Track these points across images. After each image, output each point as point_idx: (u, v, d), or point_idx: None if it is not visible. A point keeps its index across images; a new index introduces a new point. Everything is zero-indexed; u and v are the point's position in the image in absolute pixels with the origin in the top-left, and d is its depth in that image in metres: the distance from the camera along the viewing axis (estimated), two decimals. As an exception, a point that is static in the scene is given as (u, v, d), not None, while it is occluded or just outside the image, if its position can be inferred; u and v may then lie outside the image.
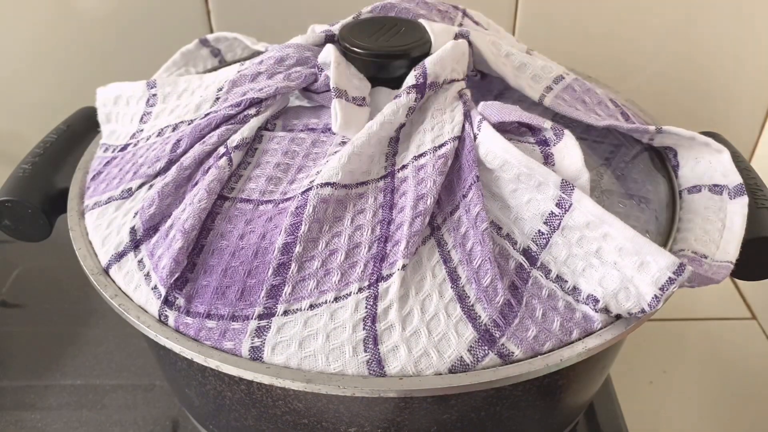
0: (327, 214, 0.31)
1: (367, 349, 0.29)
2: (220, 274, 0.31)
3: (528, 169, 0.31)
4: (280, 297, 0.30)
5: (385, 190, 0.33)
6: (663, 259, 0.29)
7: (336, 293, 0.30)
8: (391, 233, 0.31)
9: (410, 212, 0.31)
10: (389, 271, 0.30)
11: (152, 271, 0.32)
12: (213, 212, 0.33)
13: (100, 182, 0.38)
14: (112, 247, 0.34)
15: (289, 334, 0.29)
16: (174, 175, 0.34)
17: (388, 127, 0.34)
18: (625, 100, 0.45)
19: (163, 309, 0.31)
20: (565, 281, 0.31)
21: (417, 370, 0.28)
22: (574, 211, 0.30)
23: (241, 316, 0.30)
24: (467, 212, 0.31)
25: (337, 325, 0.29)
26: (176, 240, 0.31)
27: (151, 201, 0.34)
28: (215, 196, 0.33)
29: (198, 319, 0.31)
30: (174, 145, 0.36)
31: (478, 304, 0.30)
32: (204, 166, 0.34)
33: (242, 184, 0.34)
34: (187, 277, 0.31)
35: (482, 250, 0.30)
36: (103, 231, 0.35)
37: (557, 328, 0.30)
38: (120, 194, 0.36)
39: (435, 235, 0.32)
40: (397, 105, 0.34)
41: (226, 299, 0.31)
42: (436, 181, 0.32)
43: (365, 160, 0.33)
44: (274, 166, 0.35)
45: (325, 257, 0.31)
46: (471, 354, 0.29)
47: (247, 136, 0.35)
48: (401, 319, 0.29)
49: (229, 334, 0.30)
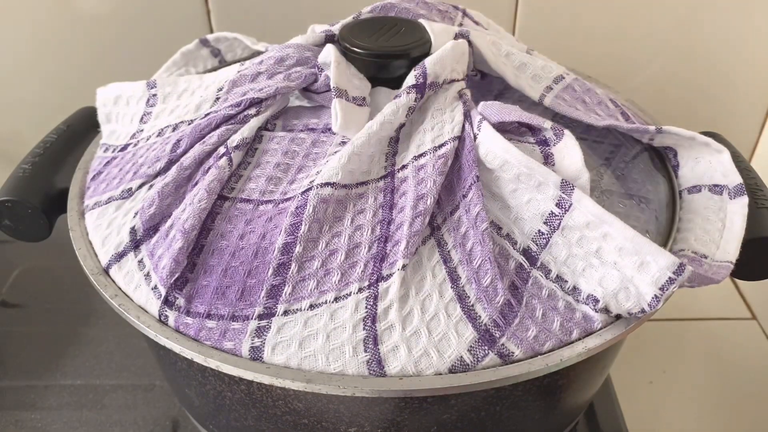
0: (327, 214, 0.31)
1: (368, 349, 0.29)
2: (220, 274, 0.31)
3: (528, 169, 0.31)
4: (280, 297, 0.30)
5: (385, 190, 0.33)
6: (663, 259, 0.29)
7: (336, 293, 0.30)
8: (391, 233, 0.31)
9: (410, 212, 0.31)
10: (389, 271, 0.30)
11: (152, 271, 0.32)
12: (213, 212, 0.33)
13: (100, 182, 0.38)
14: (113, 247, 0.34)
15: (290, 334, 0.29)
16: (174, 175, 0.34)
17: (388, 127, 0.34)
18: (625, 100, 0.45)
19: (163, 309, 0.31)
20: (565, 281, 0.31)
21: (417, 370, 0.28)
22: (574, 211, 0.30)
23: (241, 316, 0.30)
24: (467, 212, 0.31)
25: (337, 325, 0.29)
26: (176, 240, 0.31)
27: (151, 201, 0.34)
28: (215, 196, 0.33)
29: (198, 319, 0.31)
30: (174, 145, 0.36)
31: (478, 304, 0.30)
32: (204, 166, 0.34)
33: (242, 184, 0.34)
34: (187, 277, 0.31)
35: (482, 250, 0.30)
36: (103, 231, 0.35)
37: (557, 328, 0.30)
38: (120, 194, 0.36)
39: (435, 235, 0.32)
40: (397, 105, 0.34)
41: (226, 299, 0.31)
42: (436, 181, 0.32)
43: (365, 160, 0.33)
44: (274, 166, 0.35)
45: (325, 257, 0.31)
46: (471, 354, 0.29)
47: (247, 136, 0.35)
48: (401, 319, 0.29)
49: (229, 334, 0.30)
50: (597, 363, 0.38)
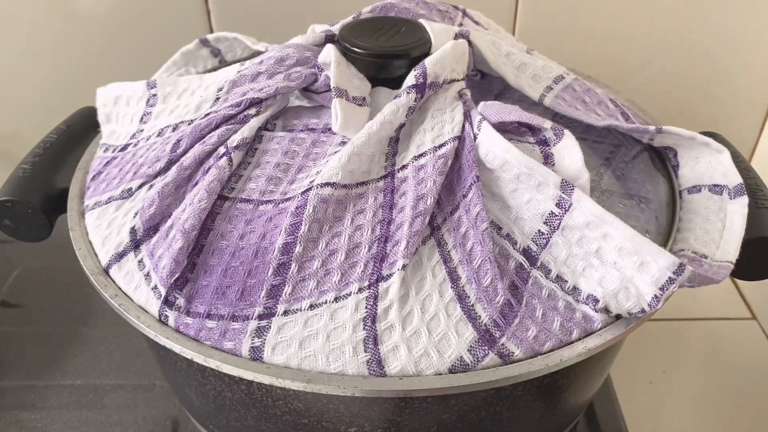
0: (327, 214, 0.31)
1: (368, 349, 0.29)
2: (220, 274, 0.31)
3: (528, 169, 0.31)
4: (281, 297, 0.30)
5: (385, 190, 0.33)
6: (663, 259, 0.29)
7: (336, 293, 0.30)
8: (391, 233, 0.31)
9: (410, 212, 0.31)
10: (389, 271, 0.30)
11: (152, 271, 0.32)
12: (213, 212, 0.33)
13: (100, 182, 0.38)
14: (113, 247, 0.34)
15: (290, 334, 0.29)
16: (174, 175, 0.34)
17: (388, 127, 0.34)
18: (625, 100, 0.45)
19: (163, 309, 0.31)
20: (565, 281, 0.31)
21: (417, 370, 0.28)
22: (574, 211, 0.30)
23: (241, 316, 0.30)
24: (467, 212, 0.31)
25: (338, 325, 0.29)
26: (176, 240, 0.31)
27: (151, 201, 0.34)
28: (215, 196, 0.33)
29: (198, 319, 0.31)
30: (174, 145, 0.36)
31: (478, 304, 0.30)
32: (204, 166, 0.34)
33: (242, 184, 0.34)
34: (187, 277, 0.31)
35: (482, 250, 0.30)
36: (103, 231, 0.35)
37: (557, 328, 0.30)
38: (120, 194, 0.36)
39: (435, 235, 0.32)
40: (397, 105, 0.34)
41: (227, 299, 0.31)
42: (436, 181, 0.32)
43: (365, 160, 0.33)
44: (274, 166, 0.35)
45: (325, 257, 0.31)
46: (471, 354, 0.29)
47: (247, 136, 0.35)
48: (401, 319, 0.29)
49: (230, 334, 0.30)
50: (597, 363, 0.38)
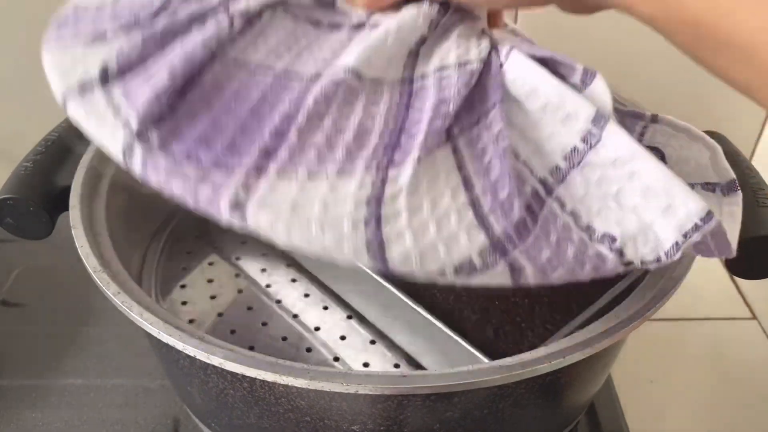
0: (337, 95, 0.28)
1: (368, 227, 0.25)
2: (206, 124, 0.27)
3: (559, 98, 0.29)
4: (275, 157, 0.26)
5: (402, 93, 0.30)
6: (693, 204, 0.27)
7: (339, 167, 0.26)
8: (407, 127, 0.28)
9: (430, 112, 0.28)
10: (402, 158, 0.27)
11: (124, 104, 0.27)
12: (204, 68, 0.28)
13: (69, 27, 0.31)
14: (75, 79, 0.28)
15: (280, 195, 0.26)
16: (164, 23, 0.29)
17: (406, 29, 0.30)
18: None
19: (131, 142, 0.26)
20: (579, 217, 0.29)
21: (421, 261, 0.26)
22: (601, 148, 0.28)
23: (226, 165, 0.26)
24: (488, 129, 0.29)
25: (338, 197, 0.26)
26: (161, 78, 0.27)
27: (133, 44, 0.28)
28: (210, 51, 0.28)
29: (172, 159, 0.26)
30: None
31: (492, 215, 0.27)
32: (201, 21, 0.30)
33: (242, 47, 0.30)
34: (166, 117, 0.27)
35: (501, 165, 0.28)
36: (65, 66, 0.29)
37: (571, 257, 0.28)
38: (93, 36, 0.30)
39: (451, 142, 0.29)
40: (418, 10, 0.30)
41: (211, 149, 0.26)
42: (460, 90, 0.29)
43: (382, 57, 0.29)
44: (277, 42, 0.31)
45: (331, 133, 0.27)
46: (481, 258, 0.26)
47: (252, 6, 0.30)
48: (409, 208, 0.26)
49: (208, 183, 0.25)
50: (598, 362, 0.38)
